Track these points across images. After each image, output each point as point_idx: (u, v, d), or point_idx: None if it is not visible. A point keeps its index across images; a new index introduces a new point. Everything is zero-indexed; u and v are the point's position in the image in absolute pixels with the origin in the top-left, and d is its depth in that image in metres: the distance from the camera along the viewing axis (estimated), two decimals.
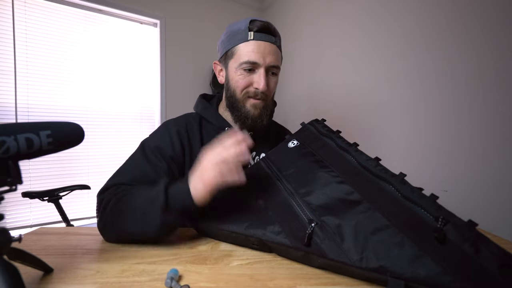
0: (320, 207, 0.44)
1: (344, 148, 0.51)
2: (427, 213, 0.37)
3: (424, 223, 0.36)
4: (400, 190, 0.40)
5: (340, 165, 0.49)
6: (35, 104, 1.79)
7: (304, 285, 0.38)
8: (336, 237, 0.39)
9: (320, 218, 0.43)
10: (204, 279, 0.39)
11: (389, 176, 0.43)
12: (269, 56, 0.66)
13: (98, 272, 0.41)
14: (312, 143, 0.57)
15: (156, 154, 0.64)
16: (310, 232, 0.41)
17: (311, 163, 0.53)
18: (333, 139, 0.55)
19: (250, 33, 0.65)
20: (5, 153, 0.29)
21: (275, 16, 2.61)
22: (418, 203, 0.38)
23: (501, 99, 1.10)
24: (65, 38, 1.88)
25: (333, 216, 0.42)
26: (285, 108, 2.48)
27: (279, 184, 0.52)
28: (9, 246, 0.32)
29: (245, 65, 0.66)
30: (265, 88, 0.66)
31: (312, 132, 0.60)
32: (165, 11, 2.25)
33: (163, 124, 0.73)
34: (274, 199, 0.50)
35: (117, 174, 0.61)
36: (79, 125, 0.38)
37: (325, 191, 0.46)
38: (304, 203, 0.46)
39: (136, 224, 0.48)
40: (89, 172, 1.97)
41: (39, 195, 1.43)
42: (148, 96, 2.25)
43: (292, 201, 0.48)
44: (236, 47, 0.67)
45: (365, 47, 1.71)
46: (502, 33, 1.09)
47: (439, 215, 0.36)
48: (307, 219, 0.44)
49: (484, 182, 1.14)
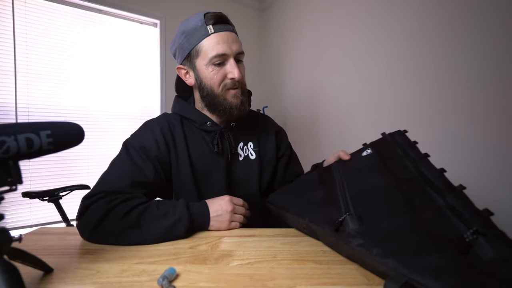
0: (360, 208, 0.47)
1: (412, 159, 0.52)
2: (465, 226, 0.35)
3: (457, 235, 0.34)
4: (446, 199, 0.41)
5: (399, 173, 0.51)
6: (35, 104, 1.79)
7: (304, 285, 0.38)
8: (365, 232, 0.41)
9: (356, 212, 0.46)
10: (204, 279, 0.39)
11: (444, 189, 0.43)
12: (234, 44, 0.66)
13: (98, 272, 0.41)
14: (385, 152, 0.60)
15: (141, 154, 0.64)
16: (342, 219, 0.44)
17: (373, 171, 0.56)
18: (405, 149, 0.56)
19: (209, 27, 0.64)
20: (5, 153, 0.29)
21: (275, 16, 2.61)
22: (463, 215, 0.37)
23: (500, 99, 1.10)
24: (65, 38, 1.88)
25: (371, 217, 0.44)
26: (285, 108, 2.48)
27: (337, 179, 0.59)
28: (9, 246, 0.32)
29: (215, 59, 0.65)
30: (240, 76, 0.67)
31: (387, 142, 0.62)
32: (165, 11, 2.25)
33: (144, 124, 0.73)
34: (329, 190, 0.57)
35: (104, 180, 0.60)
36: (79, 125, 0.38)
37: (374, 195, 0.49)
38: (349, 196, 0.51)
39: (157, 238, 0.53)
40: (89, 172, 1.97)
41: (39, 195, 1.43)
42: (148, 96, 2.25)
43: (340, 196, 0.52)
44: (199, 45, 0.66)
45: (365, 47, 1.71)
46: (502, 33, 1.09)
47: (475, 228, 0.33)
48: (344, 208, 0.48)
49: (484, 182, 1.14)
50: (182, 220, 0.54)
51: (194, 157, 0.71)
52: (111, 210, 0.52)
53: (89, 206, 0.53)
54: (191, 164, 0.70)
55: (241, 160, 0.76)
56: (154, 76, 2.26)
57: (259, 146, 0.79)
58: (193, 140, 0.72)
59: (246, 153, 0.77)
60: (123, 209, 0.53)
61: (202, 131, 0.73)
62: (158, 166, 0.65)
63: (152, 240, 0.52)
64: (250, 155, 0.78)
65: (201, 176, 0.71)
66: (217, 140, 0.71)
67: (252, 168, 0.77)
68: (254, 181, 0.76)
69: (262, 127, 0.83)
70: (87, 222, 0.52)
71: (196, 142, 0.72)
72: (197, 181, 0.71)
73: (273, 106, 2.64)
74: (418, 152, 0.54)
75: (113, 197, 0.55)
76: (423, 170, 0.48)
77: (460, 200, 0.40)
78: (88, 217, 0.52)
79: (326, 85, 2.02)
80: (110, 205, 0.53)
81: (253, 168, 0.77)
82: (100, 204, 0.53)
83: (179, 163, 0.69)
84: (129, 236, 0.51)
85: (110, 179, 0.60)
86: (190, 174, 0.69)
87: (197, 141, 0.72)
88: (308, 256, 0.47)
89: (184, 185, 0.70)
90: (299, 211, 0.57)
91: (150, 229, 0.52)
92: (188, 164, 0.69)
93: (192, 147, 0.71)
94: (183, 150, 0.70)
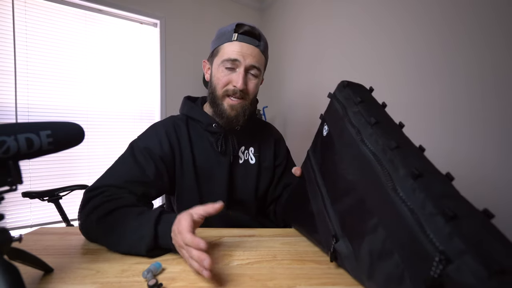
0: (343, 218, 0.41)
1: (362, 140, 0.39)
2: (431, 243, 0.25)
3: (427, 256, 0.26)
4: (407, 202, 0.30)
5: (354, 165, 0.40)
6: (35, 104, 1.79)
7: (304, 285, 0.38)
8: (352, 259, 0.38)
9: (342, 232, 0.41)
10: (204, 279, 0.39)
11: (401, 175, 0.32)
12: (249, 57, 0.68)
13: (98, 272, 0.41)
14: (336, 131, 0.46)
15: (145, 154, 0.65)
16: (332, 250, 0.42)
17: (337, 160, 0.45)
18: (351, 121, 0.42)
19: (234, 34, 0.68)
20: (5, 153, 0.29)
21: (275, 16, 2.61)
22: (424, 225, 0.27)
23: (500, 99, 1.10)
24: (65, 38, 1.88)
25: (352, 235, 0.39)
26: (285, 108, 2.48)
27: (317, 188, 0.49)
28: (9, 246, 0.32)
29: (226, 63, 0.68)
30: (242, 86, 0.68)
31: (336, 111, 0.48)
32: (165, 11, 2.25)
33: (151, 126, 0.75)
34: (316, 204, 0.49)
35: (107, 175, 0.62)
36: (79, 125, 0.38)
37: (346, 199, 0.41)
38: (333, 212, 0.43)
39: (122, 247, 0.48)
40: (89, 172, 1.97)
41: (39, 195, 1.43)
42: (148, 96, 2.25)
43: (324, 211, 0.45)
44: (221, 46, 0.70)
45: (365, 47, 1.71)
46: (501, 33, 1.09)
47: (444, 249, 0.24)
48: (332, 232, 0.43)
49: (484, 181, 1.14)
50: (144, 238, 0.46)
51: (198, 158, 0.72)
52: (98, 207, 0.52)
53: (89, 200, 0.55)
54: (194, 165, 0.72)
55: (241, 163, 0.77)
56: (154, 76, 2.25)
57: (259, 152, 0.81)
58: (198, 141, 0.74)
59: (246, 157, 0.79)
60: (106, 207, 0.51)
61: (207, 132, 0.74)
62: (161, 166, 0.67)
63: (119, 251, 0.48)
64: (250, 159, 0.79)
65: (204, 177, 0.72)
66: (222, 141, 0.73)
67: (251, 172, 0.78)
68: (251, 185, 0.78)
69: (264, 135, 0.85)
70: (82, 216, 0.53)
71: (201, 143, 0.74)
72: (200, 182, 0.72)
73: (273, 106, 2.64)
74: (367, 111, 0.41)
75: (109, 193, 0.56)
76: (376, 152, 0.36)
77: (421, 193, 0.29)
78: (85, 211, 0.53)
79: (326, 85, 2.02)
80: (101, 200, 0.53)
81: (251, 172, 0.78)
82: (96, 200, 0.54)
83: (183, 163, 0.71)
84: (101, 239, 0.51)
85: (112, 175, 0.62)
86: (193, 175, 0.71)
87: (201, 142, 0.74)
88: (308, 256, 0.47)
89: (186, 185, 0.71)
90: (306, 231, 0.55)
91: (117, 240, 0.48)
92: (192, 164, 0.71)
93: (197, 148, 0.73)
94: (187, 151, 0.71)
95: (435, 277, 0.24)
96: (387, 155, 0.35)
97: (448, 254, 0.24)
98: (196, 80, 2.38)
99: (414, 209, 0.28)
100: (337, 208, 0.43)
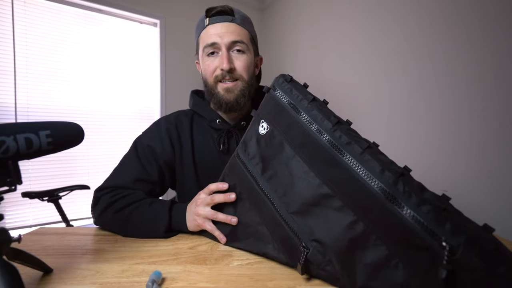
0: (307, 224, 0.38)
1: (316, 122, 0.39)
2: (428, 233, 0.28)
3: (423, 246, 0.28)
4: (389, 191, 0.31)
5: (311, 155, 0.39)
6: (34, 104, 1.78)
7: (304, 285, 0.38)
8: (329, 266, 0.36)
9: (310, 240, 0.38)
10: (204, 279, 0.39)
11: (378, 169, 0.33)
12: (226, 34, 0.65)
13: (98, 272, 0.41)
14: (281, 123, 0.44)
15: (148, 153, 0.67)
16: (302, 262, 0.38)
17: (286, 160, 0.42)
18: (298, 109, 0.42)
19: (206, 19, 0.67)
20: (4, 153, 0.29)
21: (275, 16, 2.61)
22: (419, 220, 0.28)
23: (501, 99, 1.10)
24: (65, 38, 1.88)
25: (320, 237, 0.37)
26: None
27: (263, 196, 0.44)
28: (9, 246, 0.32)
29: (207, 49, 0.66)
30: (228, 66, 0.63)
31: (275, 105, 0.45)
32: (165, 11, 2.25)
33: (155, 122, 0.75)
34: (263, 212, 0.44)
35: (114, 175, 0.66)
36: (78, 125, 0.38)
37: (305, 199, 0.39)
38: (292, 220, 0.40)
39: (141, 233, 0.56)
40: (89, 172, 1.97)
41: (39, 195, 1.43)
42: (148, 96, 2.24)
43: (279, 219, 0.41)
44: (199, 37, 0.69)
45: (365, 47, 1.71)
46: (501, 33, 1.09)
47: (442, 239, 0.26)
48: (298, 242, 0.39)
49: (484, 181, 1.14)
50: (161, 221, 0.55)
51: (199, 156, 0.71)
52: (111, 205, 0.58)
53: (99, 198, 0.60)
54: (194, 162, 0.71)
55: None
56: (154, 76, 2.25)
57: None
58: (200, 138, 0.72)
59: None
60: (120, 204, 0.58)
61: (212, 129, 0.73)
62: (162, 164, 0.68)
63: (138, 235, 0.56)
64: None
65: (205, 175, 0.71)
66: (224, 138, 0.70)
67: None
68: None
69: None
70: (96, 212, 0.60)
71: (204, 140, 0.72)
72: (200, 180, 0.71)
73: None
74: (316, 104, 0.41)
75: (117, 192, 0.61)
76: (338, 143, 0.36)
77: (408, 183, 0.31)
78: (98, 208, 0.60)
79: (326, 84, 2.02)
80: (111, 199, 0.59)
81: None
82: (105, 198, 0.60)
83: (183, 161, 0.70)
84: (120, 229, 0.57)
85: (118, 175, 0.65)
86: (193, 172, 0.70)
87: (205, 139, 0.72)
88: None
89: (187, 183, 0.71)
90: (250, 246, 0.47)
91: (135, 227, 0.56)
92: (192, 162, 0.70)
93: (198, 145, 0.72)
94: (188, 148, 0.71)
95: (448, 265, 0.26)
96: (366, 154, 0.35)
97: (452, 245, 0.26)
98: (196, 80, 2.37)
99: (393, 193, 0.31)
100: (300, 217, 0.39)
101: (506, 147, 1.08)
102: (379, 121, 1.62)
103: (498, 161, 1.11)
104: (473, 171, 1.18)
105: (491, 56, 1.13)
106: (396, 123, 1.52)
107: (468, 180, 1.19)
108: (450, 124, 1.27)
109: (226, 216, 0.50)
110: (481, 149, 1.16)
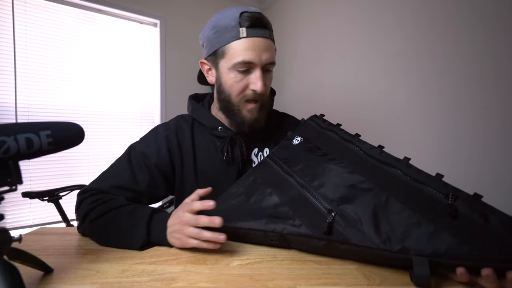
0: (336, 198, 0.46)
1: (348, 140, 0.53)
2: (436, 191, 0.40)
3: (436, 201, 0.39)
4: (407, 173, 0.43)
5: (347, 156, 0.51)
6: (35, 104, 1.79)
7: (304, 285, 0.38)
8: (357, 223, 0.41)
9: (338, 207, 0.44)
10: (204, 279, 0.39)
11: (394, 162, 0.46)
12: (265, 53, 0.60)
13: (98, 272, 0.41)
14: (316, 138, 0.58)
15: (141, 161, 0.64)
16: (330, 221, 0.43)
17: (319, 157, 0.54)
18: (336, 132, 0.56)
19: (242, 29, 0.58)
20: (5, 153, 0.29)
21: (275, 16, 2.61)
22: (426, 183, 0.41)
23: (501, 99, 1.10)
24: (65, 38, 1.88)
25: (350, 204, 0.44)
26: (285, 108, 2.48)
27: (290, 179, 0.52)
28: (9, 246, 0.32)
29: (240, 66, 0.60)
30: (263, 90, 0.60)
31: (314, 128, 0.61)
32: (165, 11, 2.25)
33: (153, 129, 0.71)
34: (288, 194, 0.51)
35: (100, 178, 0.63)
36: (79, 125, 0.38)
37: (337, 182, 0.48)
38: (320, 195, 0.47)
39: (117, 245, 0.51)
40: (89, 172, 1.97)
41: (39, 195, 1.43)
42: (148, 96, 2.25)
43: (308, 194, 0.48)
44: (227, 46, 0.60)
45: (365, 47, 1.71)
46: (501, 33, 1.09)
47: (447, 192, 0.39)
48: (326, 209, 0.45)
49: (484, 181, 1.14)
50: (137, 234, 0.49)
51: (201, 164, 0.68)
52: (89, 212, 0.55)
53: (82, 202, 0.58)
54: (195, 172, 0.67)
55: None
56: (154, 76, 2.25)
57: None
58: (202, 146, 0.69)
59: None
60: (99, 211, 0.54)
61: (214, 136, 0.69)
62: (156, 174, 0.65)
63: (115, 247, 0.51)
64: None
65: (206, 184, 0.66)
66: (227, 147, 0.66)
67: None
68: None
69: (283, 129, 0.74)
70: (78, 216, 0.57)
71: (206, 148, 0.68)
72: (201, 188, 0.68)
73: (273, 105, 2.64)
74: (349, 133, 0.55)
75: (98, 197, 0.57)
76: (365, 150, 0.50)
77: (413, 170, 0.44)
78: (80, 212, 0.57)
79: (326, 84, 2.02)
80: (91, 206, 0.55)
81: None
82: (85, 204, 0.57)
83: (184, 170, 0.67)
84: (98, 239, 0.53)
85: (105, 179, 0.62)
86: (194, 182, 0.67)
87: (207, 146, 0.69)
88: (308, 256, 0.47)
89: (187, 193, 0.65)
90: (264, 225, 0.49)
91: (110, 238, 0.52)
92: (193, 171, 0.67)
93: (200, 154, 0.68)
94: (189, 157, 0.67)
95: (453, 204, 0.38)
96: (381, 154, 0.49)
97: (453, 193, 0.39)
98: (196, 80, 2.37)
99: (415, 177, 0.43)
100: (323, 191, 0.48)
101: (506, 147, 1.08)
102: (379, 121, 1.62)
103: (498, 161, 1.10)
104: (473, 171, 1.18)
105: (491, 56, 1.13)
106: (396, 123, 1.52)
107: (468, 180, 1.19)
108: (450, 124, 1.27)
109: (213, 234, 0.45)
110: (481, 149, 1.16)
